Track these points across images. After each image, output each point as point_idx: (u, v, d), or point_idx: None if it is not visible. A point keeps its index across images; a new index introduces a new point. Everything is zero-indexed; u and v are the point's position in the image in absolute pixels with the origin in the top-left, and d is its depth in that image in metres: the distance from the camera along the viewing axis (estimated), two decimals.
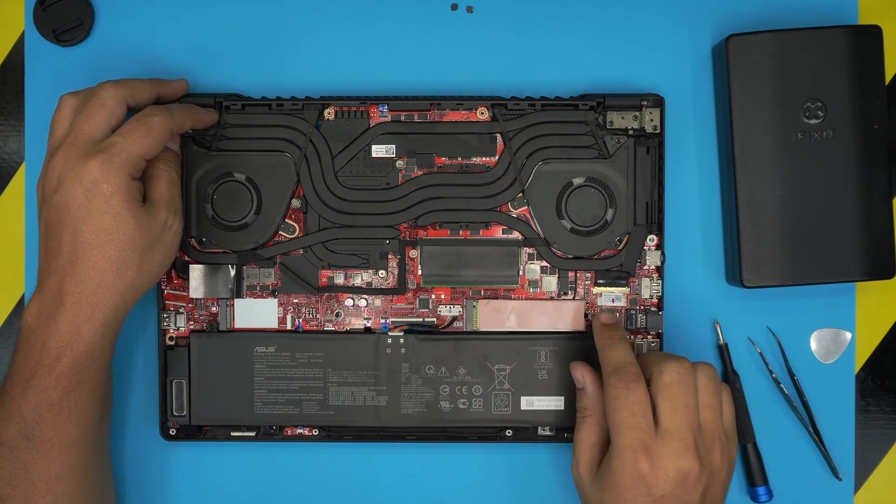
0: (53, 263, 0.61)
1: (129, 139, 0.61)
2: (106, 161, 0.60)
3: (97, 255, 0.61)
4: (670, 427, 0.60)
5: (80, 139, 0.61)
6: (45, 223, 0.62)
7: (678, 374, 0.61)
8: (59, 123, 0.63)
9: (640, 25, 0.71)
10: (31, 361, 0.61)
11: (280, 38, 0.71)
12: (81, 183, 0.60)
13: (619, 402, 0.61)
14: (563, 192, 0.69)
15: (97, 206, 0.61)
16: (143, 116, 0.63)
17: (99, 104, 0.62)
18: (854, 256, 0.68)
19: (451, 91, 0.71)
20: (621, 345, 0.64)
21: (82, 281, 0.61)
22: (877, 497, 0.72)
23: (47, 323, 0.61)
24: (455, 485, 0.72)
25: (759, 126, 0.68)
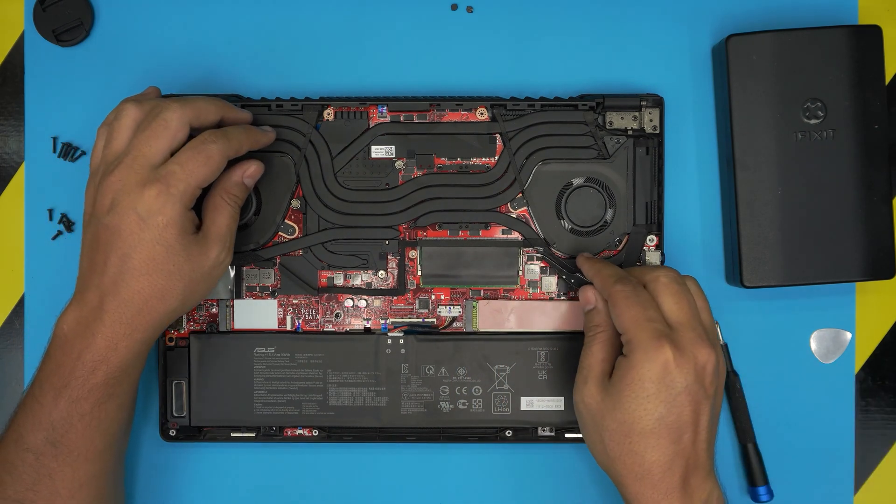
0: (97, 279, 0.61)
1: (187, 168, 0.60)
2: (163, 192, 0.60)
3: (143, 282, 0.60)
4: (681, 318, 0.61)
5: (140, 162, 0.60)
6: (93, 239, 0.61)
7: (673, 275, 0.63)
8: (118, 134, 0.62)
9: (640, 25, 0.71)
10: (64, 370, 0.61)
11: (280, 39, 0.71)
12: (136, 211, 0.60)
13: (630, 300, 0.61)
14: (563, 192, 0.69)
15: (150, 236, 0.60)
16: (202, 143, 0.61)
17: (163, 126, 0.61)
18: (854, 256, 0.68)
19: (450, 91, 0.71)
20: (613, 265, 0.65)
21: (125, 303, 0.60)
22: (877, 497, 0.72)
23: (84, 335, 0.61)
24: (455, 485, 0.72)
25: (759, 126, 0.68)
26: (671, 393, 0.60)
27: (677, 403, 0.60)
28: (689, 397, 0.60)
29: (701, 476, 0.61)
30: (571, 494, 0.71)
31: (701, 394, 0.60)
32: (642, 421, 0.60)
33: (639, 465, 0.60)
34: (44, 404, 0.61)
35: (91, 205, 0.62)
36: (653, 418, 0.60)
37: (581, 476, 0.71)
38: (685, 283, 0.63)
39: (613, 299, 0.62)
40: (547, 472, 0.72)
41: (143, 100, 0.63)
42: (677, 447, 0.60)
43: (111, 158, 0.62)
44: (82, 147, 0.71)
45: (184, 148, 0.61)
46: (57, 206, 0.71)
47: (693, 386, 0.60)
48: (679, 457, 0.60)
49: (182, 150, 0.61)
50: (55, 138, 0.71)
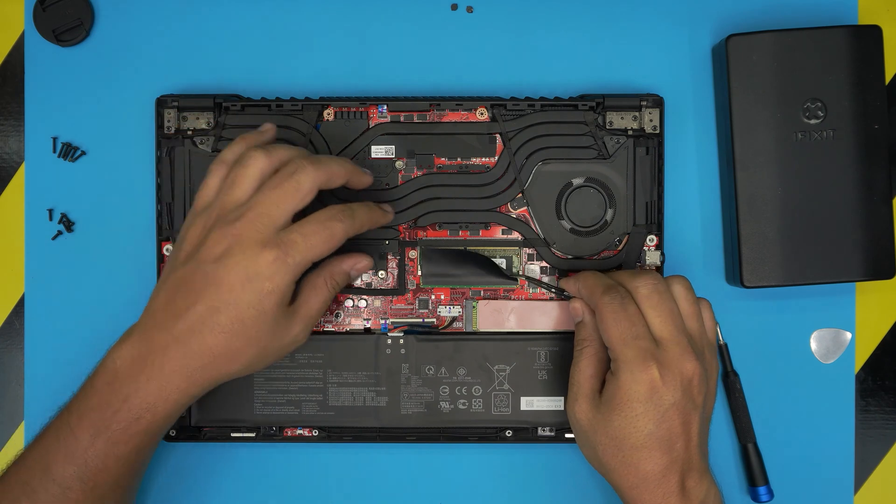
0: (170, 321, 0.59)
1: (310, 242, 0.58)
2: (280, 259, 0.58)
3: (220, 340, 0.58)
4: (664, 333, 0.61)
5: (264, 221, 0.58)
6: (183, 280, 0.59)
7: (653, 285, 0.62)
8: (242, 182, 0.60)
9: (640, 25, 0.71)
10: (107, 411, 0.59)
11: (279, 39, 0.71)
12: (246, 270, 0.58)
13: (618, 315, 0.61)
14: (563, 192, 0.69)
15: (248, 299, 0.58)
16: (328, 220, 0.60)
17: (295, 188, 0.59)
18: (854, 256, 0.68)
19: (450, 91, 0.71)
20: (599, 274, 0.65)
21: (192, 355, 0.58)
22: (877, 497, 0.72)
23: (137, 377, 0.59)
24: (455, 485, 0.72)
25: (759, 126, 0.68)
26: (660, 410, 0.60)
27: (666, 418, 0.60)
28: (677, 411, 0.61)
29: (696, 477, 0.61)
30: (571, 494, 0.71)
31: (689, 405, 0.61)
32: (632, 437, 0.61)
33: (634, 475, 0.61)
34: (80, 440, 0.59)
35: (192, 244, 0.60)
36: (643, 434, 0.60)
37: (581, 476, 0.71)
38: (667, 292, 0.62)
39: (600, 313, 0.62)
40: (547, 472, 0.72)
41: (272, 150, 0.60)
42: (670, 456, 0.61)
43: (230, 206, 0.59)
44: (82, 147, 0.71)
45: (310, 219, 0.59)
46: (57, 206, 0.71)
47: (681, 400, 0.61)
48: (673, 463, 0.61)
49: (307, 221, 0.59)
50: (55, 138, 0.71)
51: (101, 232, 0.71)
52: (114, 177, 0.71)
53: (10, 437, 0.72)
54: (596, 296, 0.63)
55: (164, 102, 0.69)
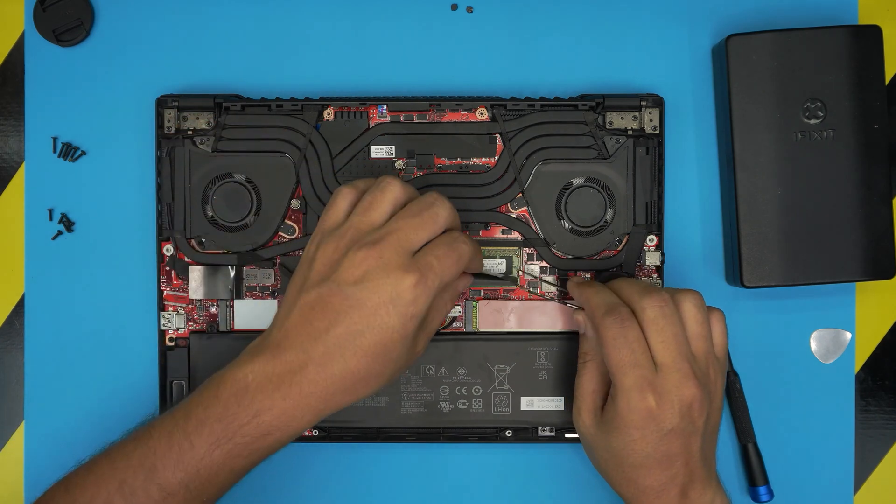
0: (308, 343, 0.58)
1: (443, 264, 0.59)
2: (421, 283, 0.58)
3: (362, 364, 0.58)
4: (665, 360, 0.61)
5: (403, 245, 0.58)
6: (321, 301, 0.58)
7: (660, 307, 0.61)
8: (380, 206, 0.60)
9: (640, 25, 0.71)
10: (233, 423, 0.58)
11: (279, 39, 0.71)
12: (389, 294, 0.57)
13: (617, 341, 0.61)
14: (563, 192, 0.69)
15: (392, 322, 0.58)
16: (455, 242, 0.60)
17: (433, 219, 0.60)
18: (854, 256, 0.68)
19: (450, 91, 0.71)
20: (605, 290, 0.64)
21: (332, 378, 0.58)
22: (877, 497, 0.72)
23: (271, 395, 0.58)
24: (455, 485, 0.72)
25: (759, 126, 0.68)
26: (657, 435, 0.60)
27: (665, 442, 0.61)
28: (676, 435, 0.61)
29: (699, 488, 0.62)
30: (571, 494, 0.71)
31: (689, 429, 0.61)
32: (631, 457, 0.61)
33: (634, 488, 0.62)
34: (196, 447, 0.58)
35: (326, 265, 0.59)
36: (640, 455, 0.61)
37: (581, 476, 0.71)
38: (674, 315, 0.62)
39: (601, 335, 0.62)
40: (547, 472, 0.72)
41: (407, 184, 0.61)
42: (670, 472, 0.61)
43: (366, 228, 0.59)
44: (82, 147, 0.71)
45: (438, 242, 0.60)
46: (57, 206, 0.71)
47: (679, 425, 0.60)
48: (674, 478, 0.61)
49: (437, 244, 0.60)
50: (55, 138, 0.71)
51: (101, 232, 0.71)
52: (114, 177, 0.71)
53: (10, 436, 0.72)
54: (597, 316, 0.62)
55: (164, 102, 0.69)
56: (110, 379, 0.71)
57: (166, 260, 0.70)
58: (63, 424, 0.71)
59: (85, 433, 0.71)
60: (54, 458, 0.71)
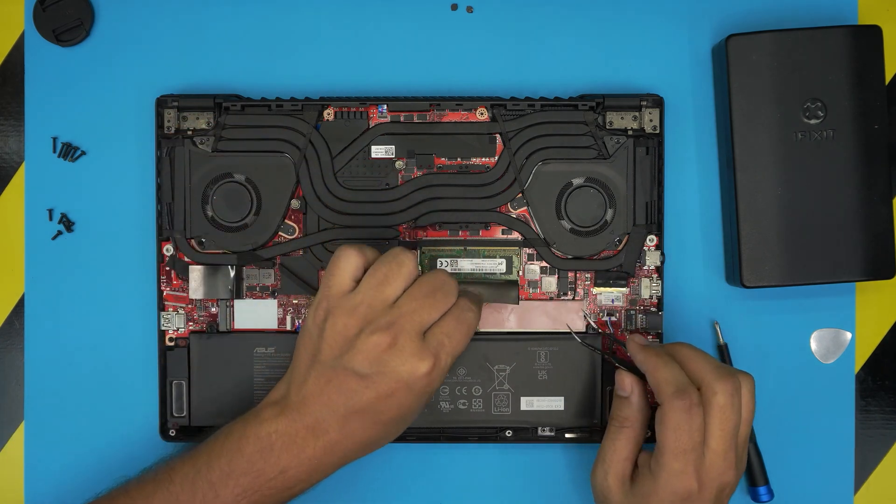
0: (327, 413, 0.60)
1: (454, 340, 0.61)
2: (435, 368, 0.60)
3: (381, 433, 0.61)
4: (718, 448, 0.61)
5: (416, 328, 0.60)
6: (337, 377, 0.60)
7: (731, 396, 0.61)
8: (395, 281, 0.60)
9: (640, 25, 0.71)
10: (261, 478, 0.60)
11: (279, 39, 0.71)
12: (407, 381, 0.59)
13: (681, 425, 0.60)
14: (563, 192, 0.69)
15: (410, 402, 0.60)
16: (462, 312, 0.61)
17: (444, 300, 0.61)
18: (854, 256, 0.68)
19: (450, 91, 0.71)
20: (673, 364, 0.63)
21: (352, 444, 0.61)
22: (877, 497, 0.72)
23: (297, 454, 0.60)
24: (455, 485, 0.72)
25: (759, 126, 0.68)
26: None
27: None
28: None
29: None
30: (571, 494, 0.71)
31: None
32: None
33: None
34: (221, 497, 0.60)
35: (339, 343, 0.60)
36: None
37: (581, 476, 0.71)
38: (738, 404, 0.61)
39: (664, 413, 0.61)
40: (547, 472, 0.72)
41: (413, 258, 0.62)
42: None
43: (379, 306, 0.60)
44: (82, 147, 0.71)
45: (447, 318, 0.61)
46: (57, 206, 0.71)
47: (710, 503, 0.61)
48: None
49: (447, 320, 0.61)
50: (55, 138, 0.71)
51: (101, 232, 0.71)
52: (114, 177, 0.71)
53: (10, 437, 0.72)
54: (664, 393, 0.61)
55: (164, 102, 0.69)
56: (110, 379, 0.71)
57: (166, 260, 0.70)
58: (63, 424, 0.71)
59: (85, 433, 0.71)
60: (54, 458, 0.71)
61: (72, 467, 0.71)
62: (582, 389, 0.69)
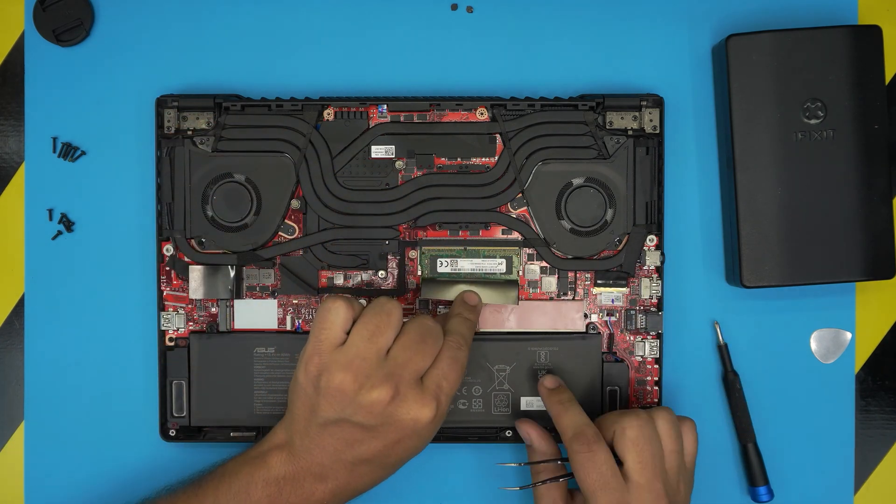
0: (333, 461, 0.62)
1: (450, 381, 0.63)
2: (439, 413, 0.62)
3: (388, 473, 0.64)
4: (640, 480, 0.61)
5: (412, 376, 0.61)
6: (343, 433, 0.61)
7: (640, 427, 0.62)
8: (386, 331, 0.62)
9: (640, 25, 0.71)
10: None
11: (279, 39, 0.71)
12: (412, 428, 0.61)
13: (587, 466, 0.62)
14: (563, 192, 0.69)
15: (415, 445, 0.63)
16: (456, 351, 0.64)
17: (433, 348, 0.62)
18: (854, 256, 0.68)
19: (450, 91, 0.71)
20: (573, 407, 0.65)
21: (359, 483, 0.63)
22: (877, 497, 0.72)
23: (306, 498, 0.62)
24: (455, 485, 0.72)
25: (759, 126, 0.68)
26: None
27: None
28: None
29: None
30: None
31: None
32: None
33: None
34: None
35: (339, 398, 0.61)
36: None
37: None
38: (653, 434, 0.63)
39: (570, 457, 0.63)
40: None
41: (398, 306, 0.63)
42: None
43: (374, 358, 0.61)
44: (82, 147, 0.71)
45: (441, 358, 0.63)
46: (57, 206, 0.71)
47: None
48: None
49: (441, 363, 0.63)
50: (55, 138, 0.71)
51: (101, 232, 0.71)
52: (114, 177, 0.71)
53: (11, 437, 0.72)
54: (566, 438, 0.64)
55: (164, 102, 0.69)
56: (110, 379, 0.71)
57: (166, 260, 0.70)
58: (63, 424, 0.71)
59: (85, 433, 0.71)
60: (54, 458, 0.71)
61: (72, 467, 0.71)
62: (582, 389, 0.69)
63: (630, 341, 0.70)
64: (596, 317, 0.70)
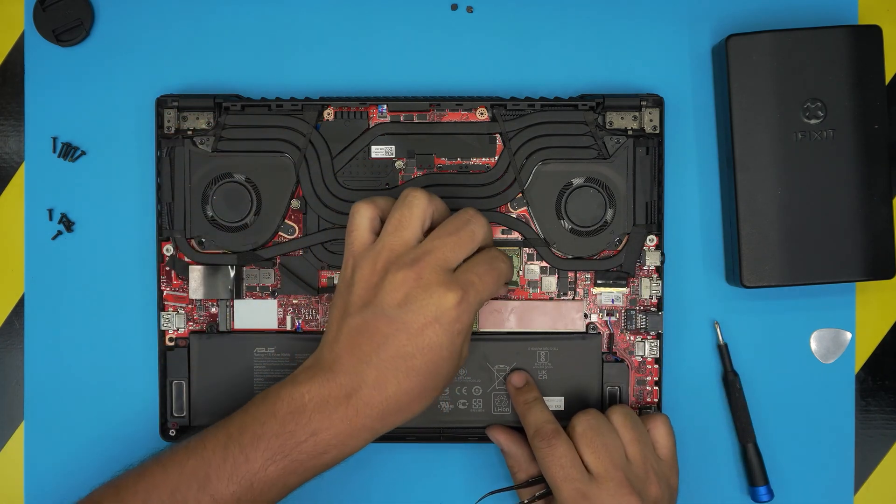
0: (361, 367, 0.58)
1: (484, 282, 0.60)
2: (464, 301, 0.58)
3: (417, 383, 0.59)
4: (598, 470, 0.62)
5: (441, 264, 0.59)
6: (367, 326, 0.59)
7: (586, 421, 0.63)
8: (410, 223, 0.60)
9: (640, 25, 0.71)
10: (291, 440, 0.58)
11: (280, 39, 0.71)
12: (434, 313, 0.58)
13: (547, 460, 0.62)
14: (563, 192, 0.69)
15: (440, 341, 0.58)
16: (495, 260, 0.61)
17: (470, 237, 0.60)
18: (854, 256, 0.68)
19: (450, 91, 0.71)
20: (536, 406, 0.66)
21: (389, 399, 0.59)
22: (877, 497, 0.72)
23: (330, 416, 0.58)
24: (455, 485, 0.72)
25: (759, 126, 0.68)
26: None
27: None
28: None
29: None
30: None
31: None
32: None
33: None
34: (251, 461, 0.58)
35: (366, 289, 0.59)
36: None
37: None
38: (602, 426, 0.63)
39: (536, 456, 0.64)
40: None
41: (433, 196, 0.61)
42: None
43: (400, 248, 0.59)
44: (82, 147, 0.71)
45: (477, 260, 0.61)
46: (57, 206, 0.71)
47: None
48: None
49: (476, 262, 0.60)
50: (55, 138, 0.71)
51: (101, 232, 0.71)
52: (114, 177, 0.71)
53: (11, 437, 0.72)
54: (529, 437, 0.65)
55: (164, 102, 0.69)
56: (110, 379, 0.71)
57: (166, 260, 0.70)
58: (63, 424, 0.71)
59: (85, 433, 0.71)
60: (54, 458, 0.71)
61: (72, 467, 0.71)
62: (582, 389, 0.69)
63: (630, 341, 0.70)
64: (596, 317, 0.70)
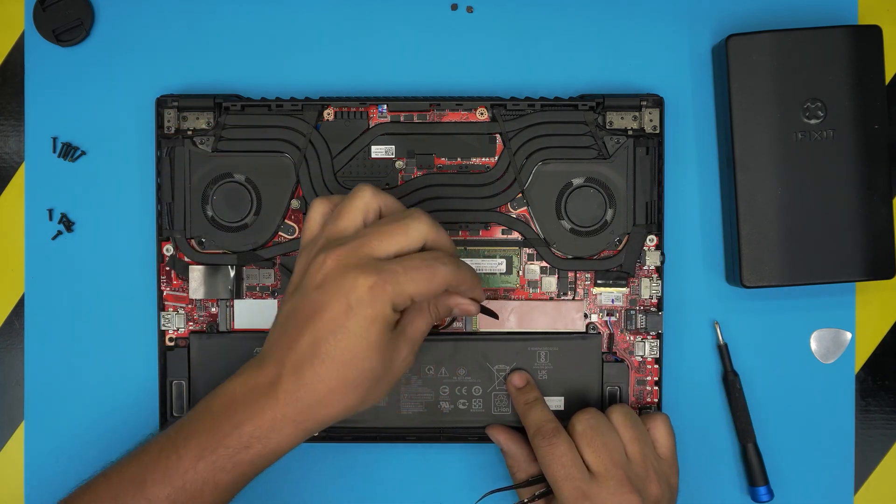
0: (283, 353, 0.57)
1: (409, 275, 0.56)
2: (378, 286, 0.56)
3: (332, 372, 0.56)
4: (598, 468, 0.62)
5: (365, 250, 0.57)
6: (293, 310, 0.58)
7: (586, 420, 0.64)
8: (349, 215, 0.59)
9: (640, 25, 0.71)
10: (217, 433, 0.57)
11: (280, 39, 0.71)
12: (346, 297, 0.56)
13: (547, 459, 0.63)
14: (563, 192, 0.69)
15: (353, 327, 0.56)
16: (433, 260, 0.58)
17: (403, 232, 0.58)
18: (854, 256, 0.68)
19: (450, 91, 0.71)
20: (537, 405, 0.66)
21: (305, 387, 0.56)
22: (877, 497, 0.72)
23: (252, 406, 0.57)
24: (455, 485, 0.72)
25: (759, 126, 0.68)
26: None
27: None
28: None
29: None
30: None
31: None
32: None
33: None
34: (182, 460, 0.57)
35: (299, 275, 0.59)
36: None
37: None
38: (602, 425, 0.64)
39: (537, 455, 0.64)
40: None
41: (382, 192, 0.60)
42: None
43: (334, 236, 0.58)
44: (82, 147, 0.71)
45: (413, 255, 0.58)
46: (57, 206, 0.71)
47: None
48: None
49: (411, 257, 0.58)
50: (55, 138, 0.71)
51: (101, 232, 0.71)
52: (114, 177, 0.71)
53: (11, 437, 0.72)
54: (530, 437, 0.65)
55: (164, 102, 0.69)
56: (110, 379, 0.71)
57: (166, 260, 0.70)
58: (63, 424, 0.71)
59: (85, 433, 0.71)
60: (54, 458, 0.71)
61: (72, 467, 0.71)
62: (582, 389, 0.69)
63: (630, 341, 0.70)
64: (596, 317, 0.70)
